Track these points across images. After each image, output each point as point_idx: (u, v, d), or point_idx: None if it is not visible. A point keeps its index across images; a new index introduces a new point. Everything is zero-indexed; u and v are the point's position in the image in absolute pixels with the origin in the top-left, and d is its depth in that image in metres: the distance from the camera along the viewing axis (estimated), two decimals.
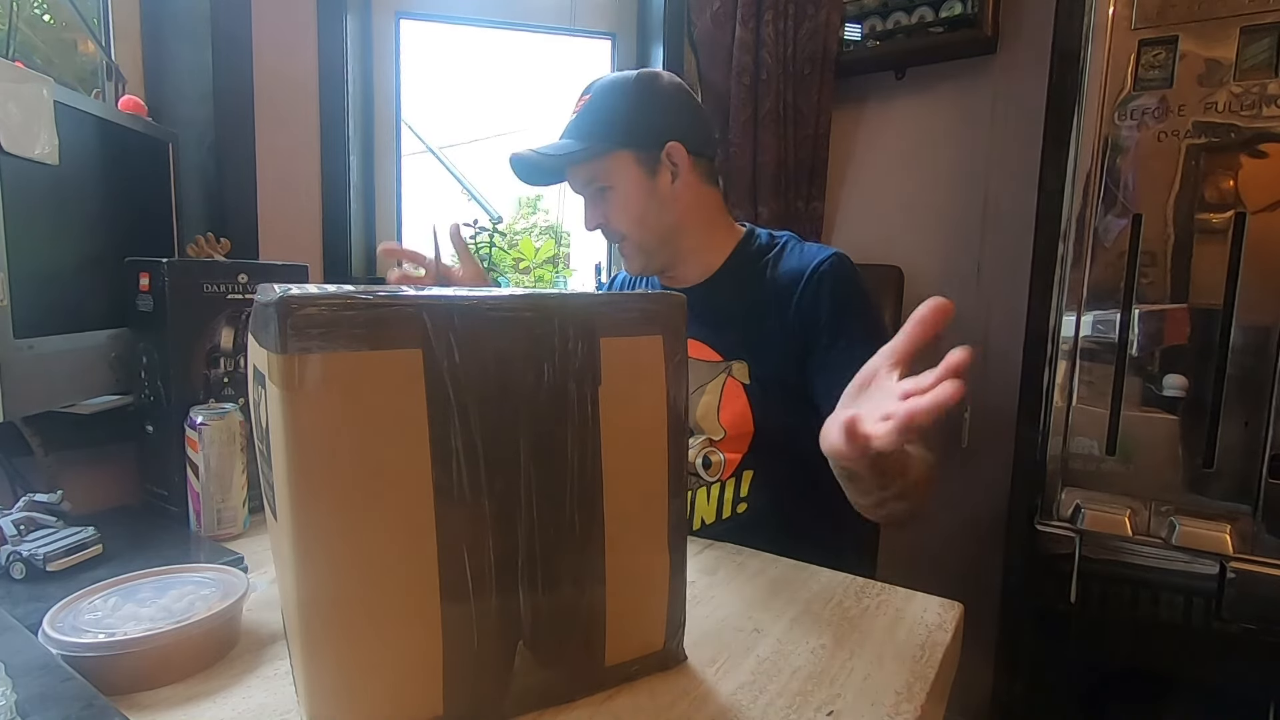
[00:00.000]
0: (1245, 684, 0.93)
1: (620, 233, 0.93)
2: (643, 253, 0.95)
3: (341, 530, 0.41)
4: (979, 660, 1.23)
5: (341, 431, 0.41)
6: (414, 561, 0.43)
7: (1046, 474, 1.02)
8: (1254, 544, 0.89)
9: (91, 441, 0.92)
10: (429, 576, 0.44)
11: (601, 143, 0.89)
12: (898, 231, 1.50)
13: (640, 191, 0.91)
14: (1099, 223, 0.96)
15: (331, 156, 1.32)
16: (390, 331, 0.42)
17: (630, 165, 0.90)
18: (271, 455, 0.43)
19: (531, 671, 0.48)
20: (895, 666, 0.57)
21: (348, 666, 0.43)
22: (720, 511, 0.92)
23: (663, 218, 0.93)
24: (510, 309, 0.46)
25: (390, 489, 0.42)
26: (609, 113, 0.91)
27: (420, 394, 0.43)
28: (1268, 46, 0.86)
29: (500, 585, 0.46)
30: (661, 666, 0.55)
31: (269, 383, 0.41)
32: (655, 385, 0.52)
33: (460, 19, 1.54)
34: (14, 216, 0.72)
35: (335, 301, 0.40)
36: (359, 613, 0.43)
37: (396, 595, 0.43)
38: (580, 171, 0.93)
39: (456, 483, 0.44)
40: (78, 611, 0.54)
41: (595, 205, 0.94)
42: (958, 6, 1.33)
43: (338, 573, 0.42)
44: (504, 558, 0.46)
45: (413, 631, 0.44)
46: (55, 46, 1.19)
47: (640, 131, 0.90)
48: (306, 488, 0.41)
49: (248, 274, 0.90)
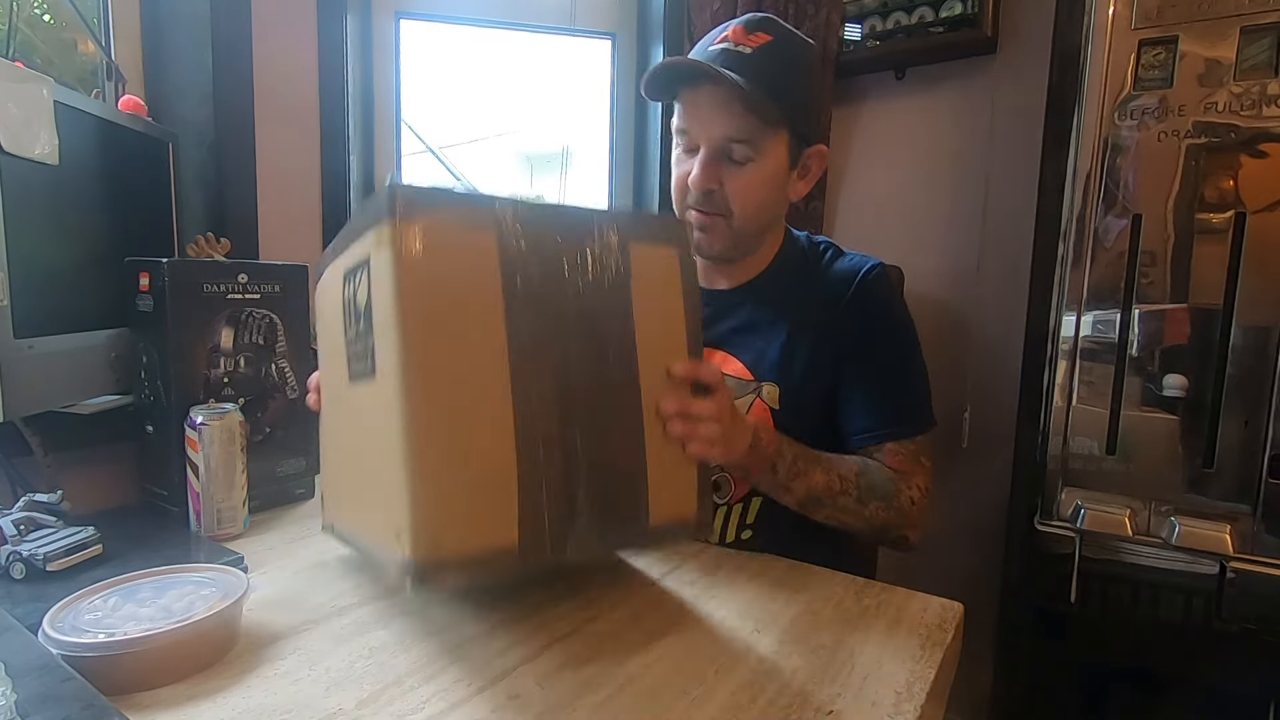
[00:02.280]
0: (1245, 684, 0.93)
1: (728, 208, 0.81)
2: (734, 239, 0.84)
3: (438, 372, 0.50)
4: (979, 660, 1.23)
5: (436, 289, 0.51)
6: (494, 404, 0.52)
7: (1046, 474, 1.02)
8: (1254, 544, 0.89)
9: (91, 441, 0.92)
10: (506, 420, 0.53)
11: (779, 105, 0.77)
12: (898, 231, 1.50)
13: (776, 180, 0.82)
14: (1099, 223, 0.96)
15: (331, 156, 1.32)
16: (473, 215, 0.53)
17: (782, 149, 0.81)
18: (375, 319, 0.54)
19: (589, 518, 0.57)
20: (895, 666, 0.57)
21: (443, 499, 0.51)
22: (724, 535, 0.90)
23: (773, 212, 0.86)
24: (562, 210, 0.60)
25: (475, 339, 0.52)
26: (791, 76, 0.78)
27: (495, 267, 0.53)
28: (1268, 46, 0.86)
29: (562, 432, 0.55)
30: (694, 534, 0.66)
31: (377, 255, 0.52)
32: (672, 287, 0.64)
33: (460, 19, 1.54)
34: (14, 216, 0.72)
35: (433, 190, 0.53)
36: (455, 452, 0.51)
37: (481, 434, 0.52)
38: (736, 118, 0.77)
39: (524, 336, 0.54)
40: (78, 611, 0.54)
41: (720, 166, 0.80)
42: (958, 6, 1.33)
43: (437, 411, 0.50)
44: (563, 403, 0.55)
45: (494, 470, 0.52)
46: (55, 46, 1.19)
47: (806, 120, 0.82)
48: (412, 336, 0.50)
49: (248, 274, 0.90)
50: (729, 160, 0.80)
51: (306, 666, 0.55)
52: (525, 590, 0.69)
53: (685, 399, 0.62)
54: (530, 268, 0.54)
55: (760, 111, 0.77)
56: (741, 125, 0.78)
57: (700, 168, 0.80)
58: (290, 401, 0.96)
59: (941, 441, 1.44)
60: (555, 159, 1.99)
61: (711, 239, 0.85)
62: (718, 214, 0.82)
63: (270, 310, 0.92)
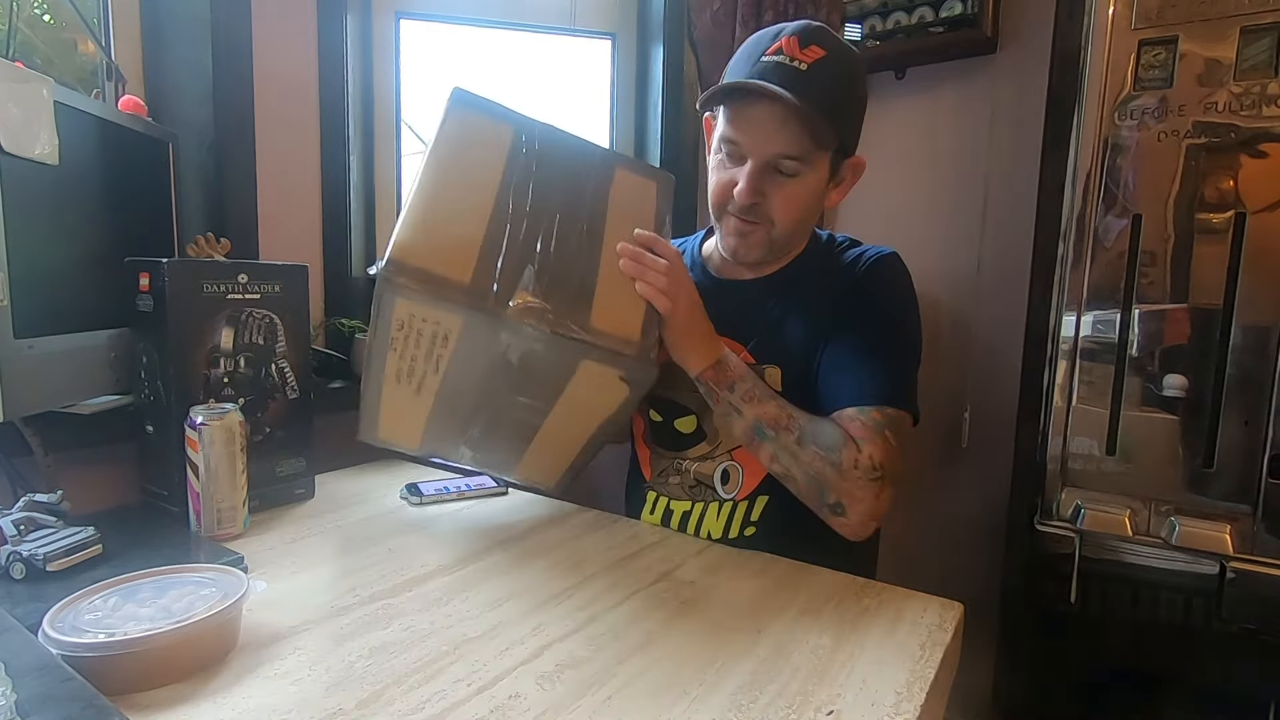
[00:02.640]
0: (1245, 684, 0.93)
1: (771, 220, 0.83)
2: (770, 247, 0.87)
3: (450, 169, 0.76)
4: (979, 660, 1.23)
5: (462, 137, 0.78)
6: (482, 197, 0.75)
7: (1046, 474, 1.02)
8: (1254, 544, 0.89)
9: (91, 441, 0.92)
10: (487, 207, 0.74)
11: (831, 129, 0.78)
12: (898, 231, 1.50)
13: (816, 194, 0.84)
14: (1099, 223, 0.96)
15: (331, 156, 1.32)
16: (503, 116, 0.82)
17: (825, 165, 0.82)
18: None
19: (536, 287, 0.72)
20: (895, 666, 0.57)
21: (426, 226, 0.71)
22: (728, 531, 0.91)
23: (811, 221, 0.89)
24: (570, 135, 0.84)
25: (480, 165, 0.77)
26: (844, 92, 0.80)
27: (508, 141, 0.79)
28: (1268, 46, 0.86)
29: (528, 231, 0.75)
30: (635, 358, 0.74)
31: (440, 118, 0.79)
32: (646, 204, 0.85)
33: (460, 19, 1.54)
34: (14, 216, 0.72)
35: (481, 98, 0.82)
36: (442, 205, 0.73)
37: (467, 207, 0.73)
38: (790, 137, 0.78)
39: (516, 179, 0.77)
40: (78, 611, 0.54)
41: (767, 178, 0.81)
42: (958, 6, 1.33)
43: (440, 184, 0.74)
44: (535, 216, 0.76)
45: (468, 229, 0.72)
46: (55, 46, 1.18)
47: (851, 135, 0.84)
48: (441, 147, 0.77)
49: (248, 274, 0.89)
50: (776, 175, 0.81)
51: (306, 666, 0.55)
52: (525, 590, 0.69)
53: (640, 249, 0.78)
54: (531, 156, 0.79)
55: (815, 131, 0.77)
56: (795, 144, 0.78)
57: (746, 180, 0.81)
58: (290, 401, 0.96)
59: (941, 441, 1.44)
60: None
61: (750, 247, 0.86)
62: (758, 224, 0.84)
63: (270, 310, 0.92)
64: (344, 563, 0.76)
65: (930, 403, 0.90)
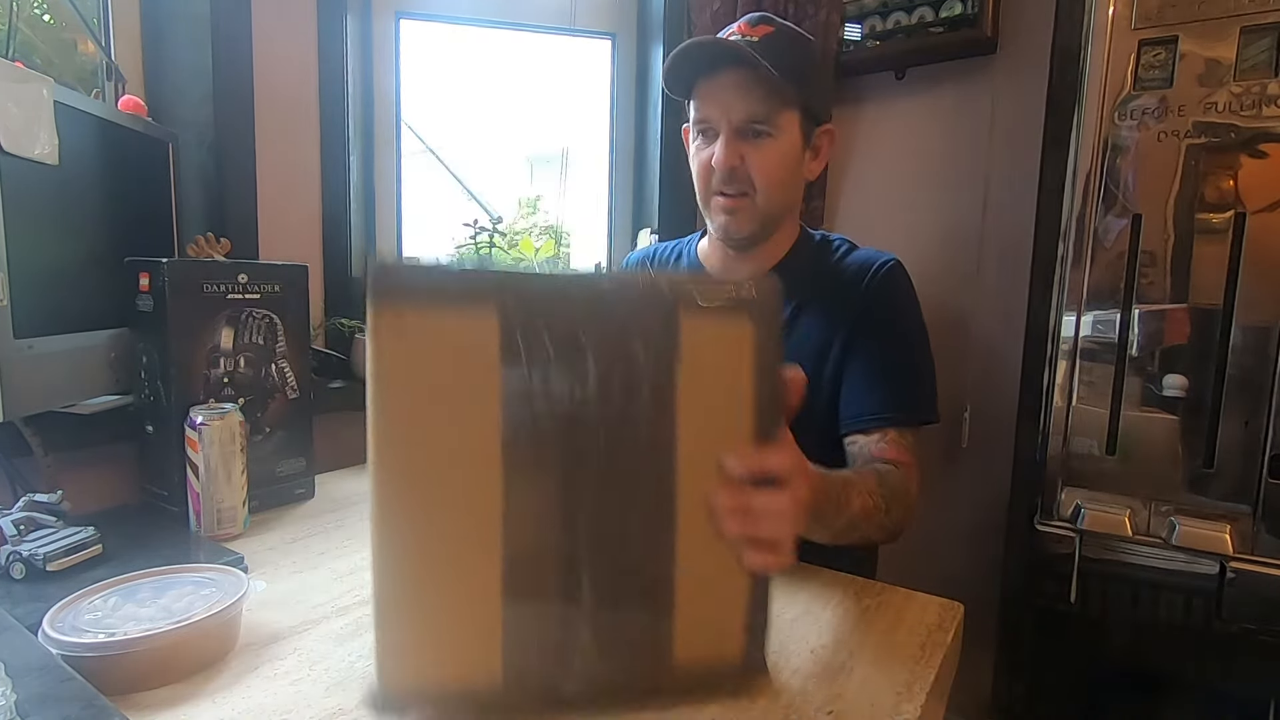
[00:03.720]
0: (1245, 684, 0.93)
1: (751, 184, 0.84)
2: (759, 217, 0.87)
3: (413, 487, 0.44)
4: (979, 660, 1.23)
5: (420, 388, 0.43)
6: (479, 526, 0.45)
7: (1046, 474, 1.02)
8: (1254, 544, 0.89)
9: (91, 441, 0.92)
10: (492, 543, 0.45)
11: (793, 88, 0.81)
12: (898, 231, 1.50)
13: (791, 157, 0.85)
14: (1099, 223, 0.96)
15: (331, 156, 1.32)
16: (471, 297, 0.44)
17: (795, 127, 0.85)
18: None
19: (591, 654, 0.47)
20: (895, 666, 0.57)
21: (414, 622, 0.45)
22: None
23: (793, 193, 0.89)
24: (591, 282, 0.47)
25: (462, 451, 0.44)
26: (799, 60, 0.82)
27: (495, 361, 0.44)
28: (1268, 46, 0.86)
29: (563, 561, 0.46)
30: (740, 682, 0.52)
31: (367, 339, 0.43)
32: (741, 372, 0.49)
33: (460, 19, 1.54)
34: (14, 216, 0.72)
35: (422, 266, 0.44)
36: (426, 570, 0.45)
37: (460, 558, 0.45)
38: (751, 96, 0.81)
39: (525, 451, 0.45)
40: (78, 611, 0.54)
41: (742, 141, 0.83)
42: (958, 6, 1.33)
43: (409, 529, 0.44)
44: (569, 535, 0.46)
45: (474, 596, 0.45)
46: (55, 46, 1.19)
47: (816, 98, 0.86)
48: (386, 439, 0.43)
49: (248, 274, 0.90)
50: (751, 139, 0.83)
51: (306, 666, 0.55)
52: None
53: (746, 491, 0.48)
54: (539, 361, 0.44)
55: (778, 90, 0.81)
56: (760, 105, 0.82)
57: (723, 146, 0.83)
58: (290, 401, 0.96)
59: (941, 441, 1.44)
60: (555, 159, 1.99)
61: (740, 221, 0.87)
62: (743, 194, 0.85)
63: (270, 310, 0.92)
64: (344, 563, 0.76)
65: None
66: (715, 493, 0.48)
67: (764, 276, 0.49)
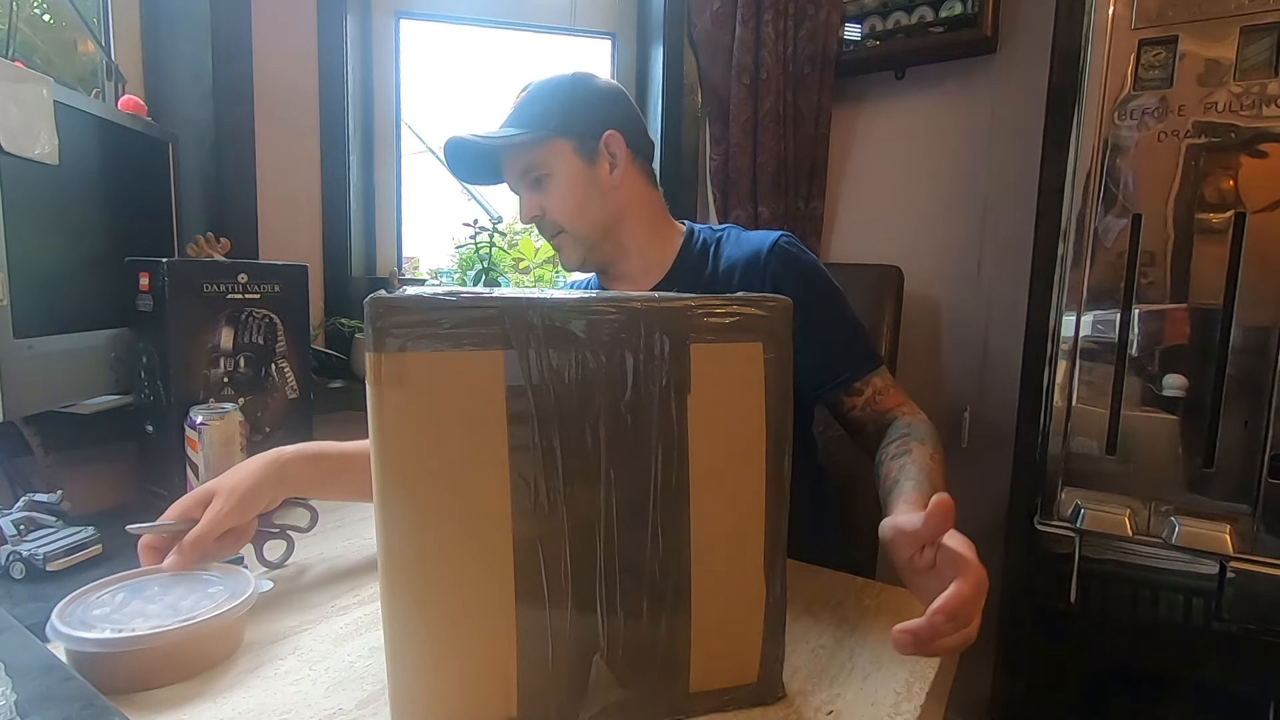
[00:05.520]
0: (1245, 684, 0.93)
1: (557, 224, 0.90)
2: (581, 245, 0.91)
3: (421, 528, 0.43)
4: (979, 660, 1.23)
5: (423, 430, 0.43)
6: (490, 565, 0.44)
7: (1046, 474, 1.02)
8: (1254, 544, 0.89)
9: (91, 441, 0.92)
10: (505, 581, 0.45)
11: (540, 129, 0.87)
12: (898, 231, 1.50)
13: (579, 180, 0.89)
14: (1099, 223, 0.96)
15: (331, 156, 1.32)
16: (473, 333, 0.43)
17: (568, 153, 0.88)
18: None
19: (609, 688, 0.47)
20: (895, 666, 0.57)
21: (425, 661, 0.44)
22: None
23: (603, 208, 0.90)
24: (595, 310, 0.45)
25: (469, 490, 0.44)
26: (546, 103, 0.88)
27: (500, 397, 0.43)
28: (1268, 46, 0.86)
29: (576, 594, 0.46)
30: (756, 700, 0.51)
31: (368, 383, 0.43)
32: (752, 395, 0.48)
33: (460, 19, 1.54)
34: (14, 216, 0.72)
35: (421, 303, 0.42)
36: (437, 608, 0.44)
37: (472, 596, 0.45)
38: (517, 160, 0.90)
39: (533, 489, 0.44)
40: (86, 605, 0.54)
41: (533, 194, 0.91)
42: (958, 6, 1.33)
43: (418, 569, 0.43)
44: (581, 566, 0.46)
45: (487, 635, 0.45)
46: (55, 46, 1.19)
47: (579, 119, 0.89)
48: (391, 481, 0.43)
49: (248, 274, 0.90)
50: (537, 187, 0.90)
51: (306, 666, 0.55)
52: None
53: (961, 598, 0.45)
54: (546, 396, 0.44)
55: (534, 140, 0.87)
56: (521, 158, 0.89)
57: (522, 204, 0.92)
58: (290, 401, 0.96)
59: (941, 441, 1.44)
60: None
61: (567, 255, 0.93)
62: (558, 232, 0.91)
63: (270, 310, 0.92)
64: (345, 563, 0.76)
65: (930, 403, 0.90)
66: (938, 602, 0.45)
67: (775, 295, 0.50)
